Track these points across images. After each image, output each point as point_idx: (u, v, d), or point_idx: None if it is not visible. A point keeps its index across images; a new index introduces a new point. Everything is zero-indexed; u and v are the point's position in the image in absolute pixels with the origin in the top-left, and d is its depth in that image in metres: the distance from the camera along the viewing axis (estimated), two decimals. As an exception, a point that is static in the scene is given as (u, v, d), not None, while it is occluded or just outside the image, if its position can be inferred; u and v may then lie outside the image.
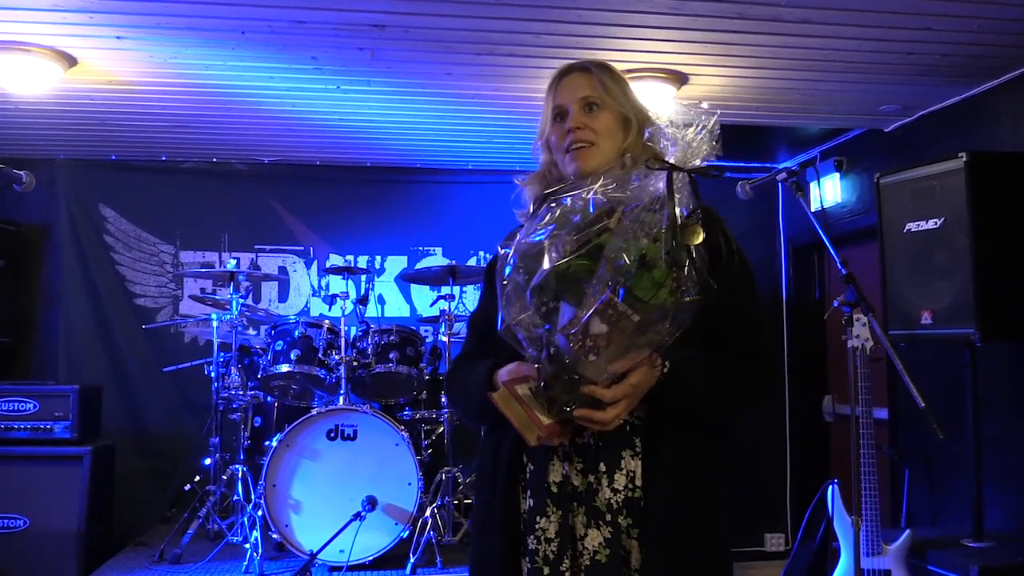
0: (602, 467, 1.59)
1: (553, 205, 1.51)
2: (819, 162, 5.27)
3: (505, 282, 1.50)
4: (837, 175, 5.09)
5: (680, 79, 3.91)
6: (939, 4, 3.12)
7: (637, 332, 1.44)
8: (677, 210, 1.44)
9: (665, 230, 1.43)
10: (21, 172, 2.77)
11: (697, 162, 1.50)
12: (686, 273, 1.43)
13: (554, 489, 1.60)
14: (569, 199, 1.50)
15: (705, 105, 1.42)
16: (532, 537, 1.61)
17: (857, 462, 3.14)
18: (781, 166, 5.76)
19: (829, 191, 5.13)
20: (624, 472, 1.58)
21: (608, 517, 1.57)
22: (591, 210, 1.47)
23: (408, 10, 3.22)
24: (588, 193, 1.49)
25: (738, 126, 4.73)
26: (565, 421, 1.53)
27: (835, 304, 2.91)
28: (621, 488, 1.58)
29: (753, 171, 5.71)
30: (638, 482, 1.58)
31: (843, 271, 2.71)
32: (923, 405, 2.31)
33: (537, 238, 1.47)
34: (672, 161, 1.49)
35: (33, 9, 3.21)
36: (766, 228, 5.84)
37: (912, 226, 3.59)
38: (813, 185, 5.28)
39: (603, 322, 1.41)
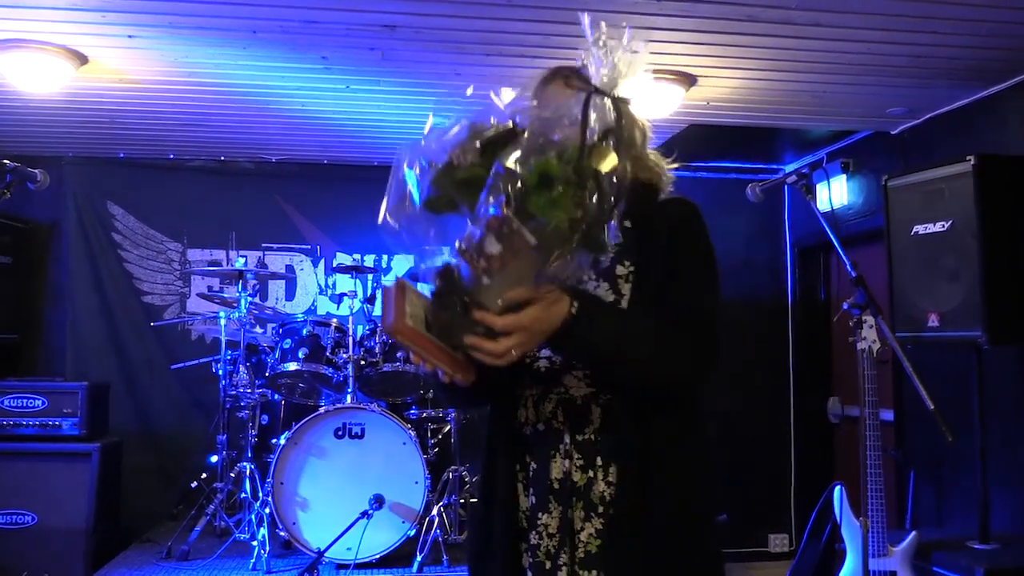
0: (599, 461, 1.61)
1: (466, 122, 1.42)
2: (825, 164, 5.28)
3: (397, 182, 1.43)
4: (843, 177, 5.10)
5: (689, 80, 3.92)
6: (948, 8, 3.13)
7: (535, 258, 1.35)
8: (594, 133, 1.35)
9: (572, 149, 1.33)
10: (36, 170, 2.79)
11: (622, 86, 1.42)
12: (588, 198, 1.32)
13: (556, 486, 1.63)
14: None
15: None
16: (534, 533, 1.63)
17: (864, 464, 3.14)
18: (789, 168, 5.78)
19: (836, 193, 5.14)
20: (616, 465, 1.61)
21: (600, 509, 1.60)
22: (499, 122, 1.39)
23: (419, 11, 3.23)
24: (499, 107, 1.41)
25: (745, 127, 4.74)
26: (454, 348, 1.43)
27: (845, 306, 2.92)
28: (615, 481, 1.60)
29: (759, 172, 5.75)
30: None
31: (853, 273, 2.72)
32: (932, 407, 2.32)
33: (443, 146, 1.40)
34: (597, 83, 1.41)
35: (47, 8, 3.23)
36: (772, 230, 5.86)
37: (920, 228, 3.61)
38: (820, 187, 5.29)
39: (498, 241, 1.32)
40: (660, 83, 3.87)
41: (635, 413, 1.59)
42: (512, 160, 1.31)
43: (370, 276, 4.69)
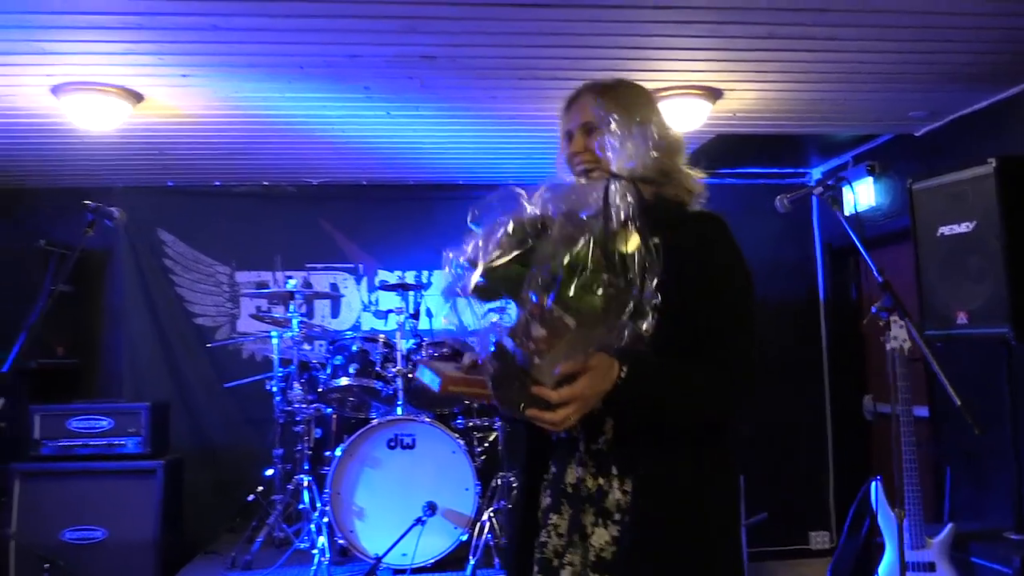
0: (614, 470, 1.67)
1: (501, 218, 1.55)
2: (852, 167, 5.39)
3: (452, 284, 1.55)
4: (870, 179, 5.20)
5: (715, 95, 4.06)
6: (959, 18, 3.25)
7: (578, 336, 1.45)
8: (614, 217, 1.47)
9: (596, 236, 1.44)
10: (113, 208, 3.02)
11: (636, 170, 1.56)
12: (619, 280, 1.43)
13: (569, 490, 1.72)
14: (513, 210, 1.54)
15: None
16: (545, 531, 1.75)
17: (900, 459, 3.26)
18: (816, 171, 5.89)
19: (863, 195, 5.24)
20: (633, 476, 1.66)
21: (617, 516, 1.66)
22: (527, 216, 1.52)
23: (457, 42, 3.41)
24: (529, 202, 1.53)
25: (770, 135, 4.87)
26: (517, 417, 1.56)
27: (873, 310, 3.04)
28: (631, 491, 1.65)
29: (787, 177, 5.88)
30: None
31: (880, 279, 2.85)
32: (959, 403, 2.44)
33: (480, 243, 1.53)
34: (614, 168, 1.56)
35: (109, 53, 3.45)
36: (801, 232, 5.96)
37: (945, 230, 3.72)
38: (846, 189, 5.38)
39: (542, 326, 1.44)
40: (687, 98, 4.02)
41: (648, 428, 1.64)
42: (544, 253, 1.44)
43: (411, 293, 4.87)
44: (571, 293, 1.40)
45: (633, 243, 1.45)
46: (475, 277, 1.49)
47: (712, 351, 1.64)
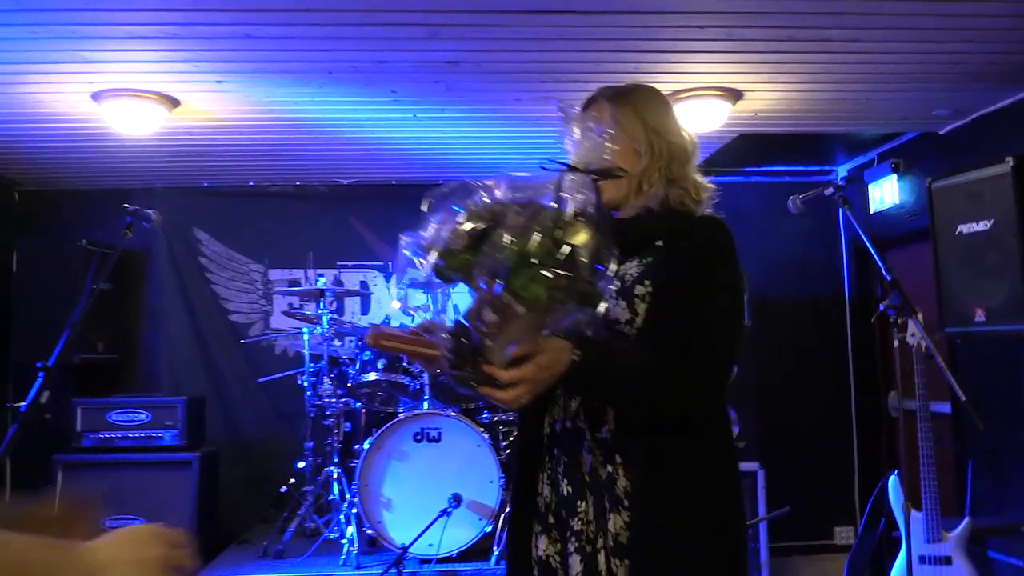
0: (618, 458, 1.72)
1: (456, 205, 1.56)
2: (876, 165, 5.41)
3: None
4: (895, 177, 5.22)
5: (735, 95, 4.12)
6: (978, 19, 3.29)
7: (528, 321, 1.47)
8: (567, 209, 1.48)
9: (546, 227, 1.45)
10: (150, 211, 3.17)
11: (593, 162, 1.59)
12: (564, 272, 1.44)
13: (587, 478, 1.76)
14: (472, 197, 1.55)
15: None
16: (575, 519, 1.78)
17: (914, 454, 3.31)
18: (841, 172, 5.91)
19: (888, 193, 5.27)
20: (633, 464, 1.71)
21: (626, 503, 1.71)
22: (480, 203, 1.53)
23: (480, 47, 3.52)
24: (485, 191, 1.54)
25: (793, 134, 4.91)
26: (469, 393, 1.63)
27: (881, 308, 3.10)
28: (634, 478, 1.71)
29: (812, 175, 5.90)
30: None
31: (888, 277, 2.91)
32: (964, 399, 2.50)
33: (437, 230, 1.54)
34: (573, 161, 1.59)
35: (147, 61, 3.60)
36: (827, 230, 5.97)
37: (963, 228, 3.76)
38: (872, 187, 5.42)
39: (493, 312, 1.46)
40: (708, 99, 4.09)
41: (643, 418, 1.71)
42: (495, 242, 1.45)
43: (439, 291, 4.95)
44: (519, 283, 1.43)
45: (583, 235, 1.47)
46: (431, 260, 1.53)
47: (689, 343, 1.68)
